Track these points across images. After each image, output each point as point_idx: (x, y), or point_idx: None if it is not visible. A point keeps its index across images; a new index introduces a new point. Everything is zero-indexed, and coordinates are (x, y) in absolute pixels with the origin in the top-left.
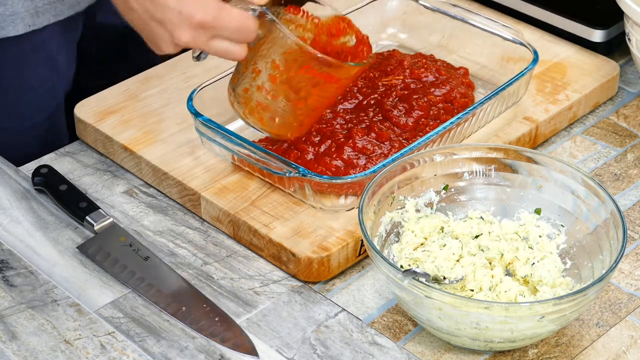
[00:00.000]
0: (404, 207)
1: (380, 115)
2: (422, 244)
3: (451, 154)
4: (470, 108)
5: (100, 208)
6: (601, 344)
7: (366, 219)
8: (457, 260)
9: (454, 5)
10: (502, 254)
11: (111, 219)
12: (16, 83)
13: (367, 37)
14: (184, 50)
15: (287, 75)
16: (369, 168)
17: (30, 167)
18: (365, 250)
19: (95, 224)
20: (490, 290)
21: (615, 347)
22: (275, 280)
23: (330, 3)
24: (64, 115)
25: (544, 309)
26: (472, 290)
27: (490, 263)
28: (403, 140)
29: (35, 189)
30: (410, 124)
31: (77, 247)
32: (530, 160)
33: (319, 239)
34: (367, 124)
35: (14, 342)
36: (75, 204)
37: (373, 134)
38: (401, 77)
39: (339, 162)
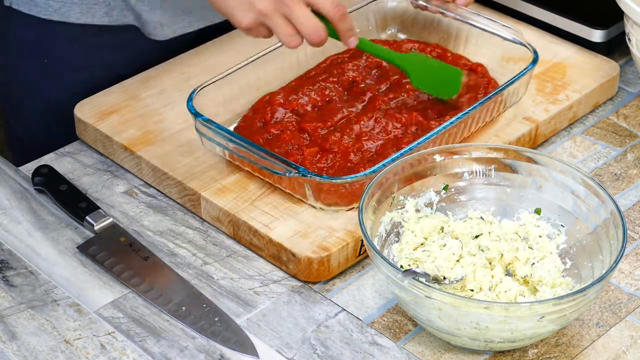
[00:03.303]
0: (404, 207)
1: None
2: (422, 244)
3: (451, 154)
4: (470, 108)
5: (100, 208)
6: (601, 344)
7: (366, 219)
8: (457, 260)
9: (454, 5)
10: (502, 254)
11: (111, 219)
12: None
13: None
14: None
15: None
16: (369, 168)
17: (30, 167)
18: (365, 250)
19: (95, 224)
20: (490, 290)
21: (615, 347)
22: (275, 280)
23: None
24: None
25: (544, 309)
26: (472, 290)
27: (490, 263)
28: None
29: (35, 189)
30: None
31: (77, 247)
32: (530, 160)
33: (319, 239)
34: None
35: (14, 342)
36: (75, 204)
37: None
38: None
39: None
